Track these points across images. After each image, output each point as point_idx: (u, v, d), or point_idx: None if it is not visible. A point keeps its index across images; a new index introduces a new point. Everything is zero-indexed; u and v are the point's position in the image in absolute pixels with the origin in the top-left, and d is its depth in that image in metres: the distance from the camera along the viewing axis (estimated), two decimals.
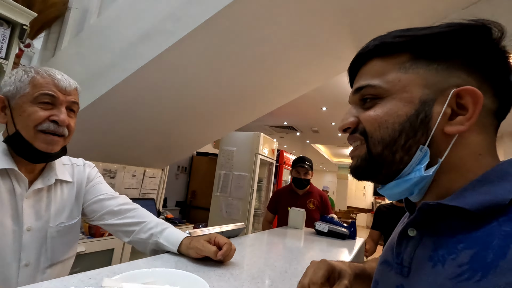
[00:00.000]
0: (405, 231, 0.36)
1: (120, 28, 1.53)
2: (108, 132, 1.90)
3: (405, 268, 0.35)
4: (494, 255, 0.27)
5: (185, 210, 4.92)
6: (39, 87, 0.68)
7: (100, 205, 0.81)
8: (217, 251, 0.64)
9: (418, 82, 0.35)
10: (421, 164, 0.34)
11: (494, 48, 0.34)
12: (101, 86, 1.56)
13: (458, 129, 0.33)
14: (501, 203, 0.29)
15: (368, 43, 0.39)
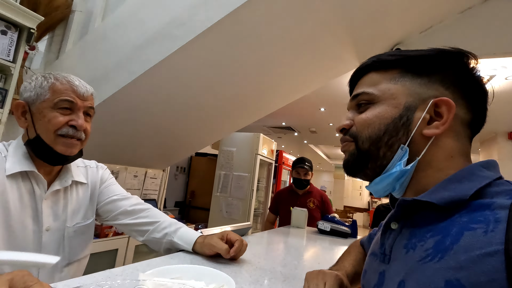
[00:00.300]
0: (388, 224, 0.43)
1: (125, 32, 1.56)
2: (111, 134, 1.93)
3: (386, 256, 0.41)
4: (451, 240, 0.32)
5: (184, 210, 4.94)
6: (59, 93, 0.71)
7: (114, 206, 0.83)
8: (228, 250, 0.67)
9: (404, 91, 0.42)
10: (401, 161, 0.40)
11: (465, 70, 0.41)
12: (106, 89, 1.58)
13: (434, 132, 0.39)
14: (463, 198, 0.35)
15: (366, 60, 0.47)
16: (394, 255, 0.40)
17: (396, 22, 1.95)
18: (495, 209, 0.32)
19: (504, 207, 0.31)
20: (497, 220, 0.30)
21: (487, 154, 4.75)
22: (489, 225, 0.31)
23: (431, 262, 0.33)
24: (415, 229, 0.38)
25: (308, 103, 3.90)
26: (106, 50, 1.61)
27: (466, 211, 0.34)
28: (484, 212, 0.32)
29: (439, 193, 0.37)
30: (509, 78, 2.58)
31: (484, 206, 0.33)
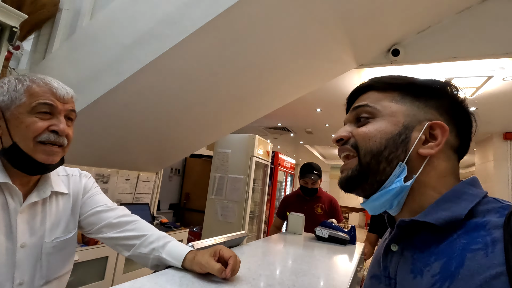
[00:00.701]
0: (389, 246, 0.44)
1: (114, 31, 1.49)
2: (101, 137, 1.86)
3: (392, 280, 0.41)
4: (456, 265, 0.33)
5: (179, 213, 4.86)
6: (36, 97, 0.65)
7: (97, 218, 0.77)
8: (221, 269, 0.61)
9: (404, 111, 0.44)
10: (400, 177, 0.42)
11: (457, 101, 0.45)
12: (94, 91, 1.51)
13: (429, 152, 0.42)
14: (459, 218, 0.37)
15: (367, 81, 0.49)
16: (400, 280, 0.40)
17: (394, 22, 1.91)
18: (490, 229, 0.33)
19: (498, 226, 0.33)
20: (494, 240, 0.32)
21: (483, 154, 4.76)
22: (488, 246, 0.32)
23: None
24: (417, 251, 0.39)
25: (304, 104, 3.86)
26: (95, 50, 1.54)
27: (462, 231, 0.36)
28: (480, 232, 0.34)
29: (436, 214, 0.38)
30: (507, 79, 2.56)
31: (479, 226, 0.35)
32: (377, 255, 0.49)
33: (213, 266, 0.61)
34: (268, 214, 4.27)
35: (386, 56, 2.11)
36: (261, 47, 1.58)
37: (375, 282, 0.46)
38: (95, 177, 2.18)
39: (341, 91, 3.10)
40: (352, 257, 1.13)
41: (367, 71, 2.69)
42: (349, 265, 0.99)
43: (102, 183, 2.24)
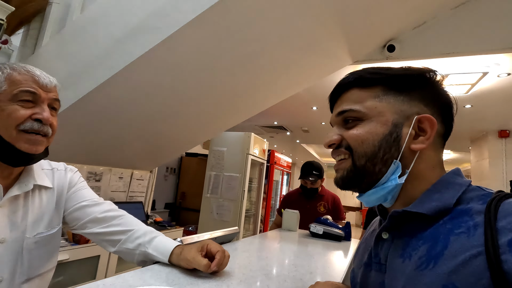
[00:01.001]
0: (380, 235, 0.46)
1: (105, 25, 1.46)
2: (93, 133, 1.82)
3: (383, 266, 0.44)
4: (441, 247, 0.36)
5: (175, 212, 4.82)
6: (18, 84, 0.62)
7: (82, 212, 0.75)
8: (208, 264, 0.59)
9: (390, 109, 0.44)
10: (395, 175, 0.43)
11: (437, 86, 0.46)
12: (85, 85, 1.48)
13: (421, 146, 0.43)
14: (448, 207, 0.39)
15: (347, 76, 0.48)
16: (390, 265, 0.42)
17: (389, 18, 1.90)
18: (473, 214, 0.36)
19: (480, 212, 0.36)
20: (475, 224, 0.35)
21: (478, 152, 4.78)
22: (470, 230, 0.35)
23: (426, 269, 0.36)
24: (407, 238, 0.41)
25: (300, 102, 3.84)
26: (85, 44, 1.51)
27: (448, 217, 0.38)
28: (464, 218, 0.37)
29: (427, 204, 0.40)
30: (502, 75, 2.56)
31: (463, 212, 0.37)
32: (366, 245, 0.51)
33: (199, 262, 0.59)
34: (264, 213, 4.25)
35: (382, 52, 2.09)
36: (255, 42, 1.55)
37: (367, 270, 0.47)
38: (87, 175, 2.16)
39: None
40: (347, 253, 1.12)
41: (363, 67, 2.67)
42: (343, 261, 0.98)
43: (94, 181, 2.20)
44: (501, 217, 0.33)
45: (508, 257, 0.30)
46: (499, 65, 2.39)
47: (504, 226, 0.32)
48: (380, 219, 0.50)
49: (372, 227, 0.55)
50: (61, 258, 1.54)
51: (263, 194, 3.93)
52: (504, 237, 0.32)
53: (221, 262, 0.61)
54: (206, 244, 0.64)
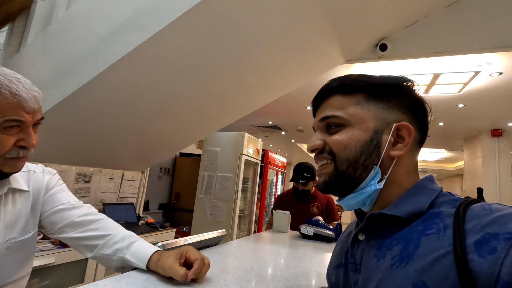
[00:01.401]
0: (356, 236, 0.47)
1: (90, 22, 1.42)
2: (80, 133, 1.78)
3: (358, 266, 0.45)
4: (413, 247, 0.38)
5: (169, 212, 4.78)
6: (3, 112, 0.57)
7: (59, 216, 0.71)
8: (185, 275, 0.56)
9: (371, 116, 0.46)
10: (374, 180, 0.45)
11: (413, 94, 0.48)
12: (71, 84, 1.44)
13: (399, 153, 0.45)
14: (421, 210, 0.41)
15: (330, 82, 0.50)
16: (365, 265, 0.44)
17: (381, 16, 1.88)
18: (443, 217, 0.39)
19: (450, 215, 0.38)
20: (445, 226, 0.37)
21: (471, 151, 4.81)
22: (440, 231, 0.37)
23: (398, 268, 0.38)
24: (382, 239, 0.43)
25: (294, 102, 3.83)
26: (70, 42, 1.47)
27: (421, 220, 0.41)
28: (435, 220, 0.39)
29: (402, 207, 0.42)
30: (493, 75, 2.57)
31: (434, 215, 0.40)
32: (341, 247, 0.54)
33: (175, 272, 0.56)
34: (258, 213, 4.23)
35: (374, 51, 2.08)
36: (245, 41, 1.53)
37: (341, 270, 0.50)
38: (76, 176, 2.11)
39: None
40: None
41: (356, 67, 2.67)
42: None
43: (83, 182, 2.16)
44: (469, 220, 0.36)
45: (474, 256, 0.33)
46: (491, 64, 2.39)
47: (471, 228, 0.35)
48: (357, 221, 0.52)
49: (349, 229, 0.57)
50: (47, 261, 1.50)
51: (257, 194, 3.91)
52: (471, 238, 0.34)
53: (199, 270, 0.58)
54: (185, 251, 0.61)
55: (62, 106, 1.49)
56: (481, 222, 0.35)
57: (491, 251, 0.32)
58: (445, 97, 3.16)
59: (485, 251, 0.32)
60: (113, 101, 1.62)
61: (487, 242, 0.33)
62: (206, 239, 0.87)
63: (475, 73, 2.53)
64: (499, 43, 1.78)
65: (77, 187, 2.10)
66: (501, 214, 0.35)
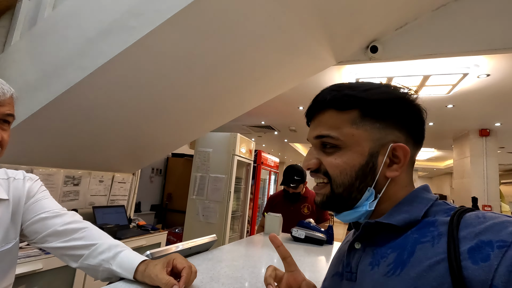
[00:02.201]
0: (352, 245, 0.48)
1: (77, 23, 1.39)
2: (69, 135, 1.74)
3: (353, 274, 0.45)
4: (408, 254, 0.39)
5: (161, 214, 4.74)
6: None
7: (42, 225, 0.69)
8: (170, 284, 0.55)
9: (367, 137, 0.45)
10: (368, 201, 0.46)
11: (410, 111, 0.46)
12: (58, 86, 1.41)
13: (395, 174, 0.45)
14: (416, 219, 0.42)
15: (324, 95, 0.48)
16: (360, 273, 0.44)
17: (372, 18, 1.89)
18: (438, 225, 0.39)
19: (444, 224, 0.38)
20: (440, 234, 0.38)
21: (460, 150, 4.90)
22: (434, 239, 0.38)
23: (393, 275, 0.38)
24: (377, 247, 0.44)
25: (286, 102, 3.83)
26: (57, 43, 1.43)
27: (416, 228, 0.41)
28: (430, 228, 0.39)
29: (397, 216, 0.43)
30: (481, 76, 2.62)
31: (429, 224, 0.40)
32: (338, 256, 0.54)
33: (161, 280, 0.55)
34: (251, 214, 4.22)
35: (365, 53, 2.09)
36: (236, 42, 1.52)
37: (337, 279, 0.50)
38: (64, 179, 2.07)
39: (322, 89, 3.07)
40: (328, 258, 1.10)
41: (347, 68, 2.68)
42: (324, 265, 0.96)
43: (72, 185, 2.12)
44: (463, 228, 0.36)
45: (467, 263, 0.33)
46: (479, 66, 2.44)
47: (465, 236, 0.35)
48: (354, 231, 0.52)
49: (347, 238, 0.57)
50: (34, 268, 1.46)
51: (250, 194, 3.90)
52: (465, 245, 0.34)
53: (188, 279, 0.57)
54: (172, 259, 0.60)
55: (49, 108, 1.46)
56: (475, 230, 0.35)
57: (485, 259, 0.32)
58: (434, 98, 3.21)
59: (478, 259, 0.33)
60: (102, 103, 1.59)
61: (480, 250, 0.33)
62: (197, 245, 0.86)
63: (464, 74, 2.57)
64: (486, 46, 1.82)
65: (65, 190, 2.05)
66: (494, 222, 0.35)
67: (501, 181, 8.06)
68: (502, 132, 4.46)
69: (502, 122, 4.04)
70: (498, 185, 4.35)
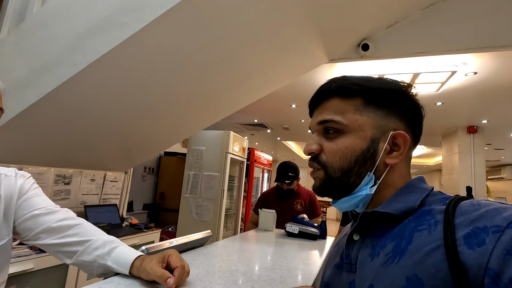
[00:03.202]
0: (351, 237, 0.49)
1: (67, 19, 1.37)
2: (60, 134, 1.72)
3: (353, 266, 0.46)
4: (406, 243, 0.40)
5: (154, 213, 4.70)
6: None
7: (35, 222, 0.69)
8: (164, 276, 0.55)
9: (370, 123, 0.47)
10: (367, 186, 0.47)
11: (411, 101, 0.49)
12: (47, 83, 1.38)
13: (394, 161, 0.47)
14: (413, 207, 0.43)
15: (329, 84, 0.50)
16: (360, 264, 0.45)
17: (363, 17, 1.92)
18: (434, 213, 0.40)
19: (440, 212, 0.40)
20: (436, 221, 0.39)
21: (449, 147, 5.01)
22: (431, 226, 0.39)
23: (392, 264, 0.39)
24: (376, 238, 0.45)
25: (279, 100, 3.84)
26: (46, 39, 1.41)
27: (413, 217, 0.42)
28: (426, 217, 0.41)
29: (394, 205, 0.44)
30: (469, 74, 2.68)
31: (426, 213, 0.41)
32: (339, 248, 0.54)
33: (156, 273, 0.56)
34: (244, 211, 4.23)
35: (357, 51, 2.12)
36: (228, 40, 1.52)
37: (337, 271, 0.50)
38: (55, 178, 2.04)
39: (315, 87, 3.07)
40: (322, 252, 1.12)
41: (339, 66, 2.71)
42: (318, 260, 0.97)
43: (63, 184, 2.09)
44: (458, 215, 0.38)
45: (463, 248, 0.34)
46: (466, 64, 2.50)
47: (460, 223, 0.37)
48: (352, 223, 0.53)
49: (345, 231, 0.58)
50: (25, 267, 1.44)
51: (244, 192, 3.91)
52: (461, 231, 0.36)
53: (179, 279, 0.58)
54: (168, 255, 0.60)
55: (38, 106, 1.43)
56: (470, 217, 0.36)
57: (480, 244, 0.33)
58: (424, 96, 3.27)
59: (474, 244, 0.34)
60: (94, 101, 1.57)
61: (476, 235, 0.34)
62: (192, 240, 0.87)
63: (452, 72, 2.63)
64: (474, 44, 1.86)
65: (56, 189, 2.02)
66: (489, 208, 0.36)
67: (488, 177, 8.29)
68: (489, 129, 4.57)
69: (489, 119, 4.15)
70: (485, 181, 4.47)
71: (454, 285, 0.33)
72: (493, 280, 0.31)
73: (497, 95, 3.17)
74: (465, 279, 0.33)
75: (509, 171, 8.36)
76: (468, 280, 0.33)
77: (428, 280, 0.35)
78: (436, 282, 0.34)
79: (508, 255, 0.31)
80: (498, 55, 2.31)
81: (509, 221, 0.33)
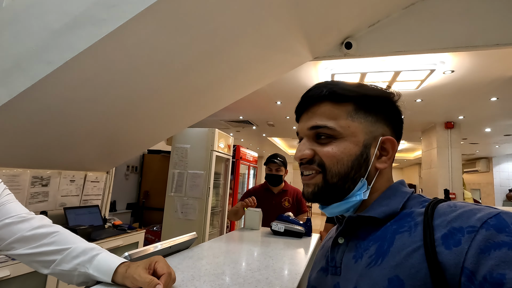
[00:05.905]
0: (336, 240, 0.50)
1: (40, 13, 1.30)
2: (35, 134, 1.64)
3: (338, 269, 0.47)
4: (388, 245, 0.41)
5: (138, 212, 4.62)
6: None
7: (7, 231, 0.65)
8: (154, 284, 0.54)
9: (362, 129, 0.48)
10: (360, 191, 0.48)
11: (397, 110, 0.51)
12: (19, 82, 1.31)
13: (384, 166, 0.49)
14: (395, 211, 0.45)
15: (319, 89, 0.49)
16: (344, 267, 0.46)
17: (346, 15, 1.94)
18: (414, 216, 0.42)
19: (420, 214, 0.41)
20: (416, 223, 0.40)
21: (428, 142, 5.19)
22: (411, 228, 0.40)
23: (375, 265, 0.40)
24: (360, 241, 0.46)
25: (264, 97, 3.84)
26: (17, 35, 1.33)
27: (394, 220, 0.44)
28: (407, 219, 0.42)
29: (378, 209, 0.46)
30: (446, 72, 2.77)
31: (407, 215, 0.43)
32: (323, 251, 0.55)
33: (144, 279, 0.55)
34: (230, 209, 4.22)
35: (340, 49, 2.14)
36: (212, 37, 1.49)
37: (323, 275, 0.51)
38: (31, 180, 1.95)
39: (299, 84, 3.13)
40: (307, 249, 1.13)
41: (323, 64, 2.73)
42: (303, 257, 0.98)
43: (41, 186, 2.00)
44: (436, 217, 0.39)
45: (441, 249, 0.36)
46: (444, 63, 2.58)
47: (438, 224, 0.38)
48: (337, 226, 0.53)
49: (330, 234, 0.58)
50: (1, 275, 1.38)
51: (230, 190, 3.90)
52: (439, 232, 0.37)
53: (166, 286, 0.56)
54: (155, 261, 0.59)
55: (11, 105, 1.36)
56: (447, 218, 0.38)
57: (456, 244, 0.35)
58: (404, 93, 3.36)
59: (451, 244, 0.35)
60: (71, 99, 1.51)
61: (452, 236, 0.36)
62: (176, 244, 0.86)
63: (431, 71, 2.71)
64: (451, 44, 1.93)
65: (33, 191, 1.94)
66: (464, 210, 0.38)
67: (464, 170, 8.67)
68: (465, 124, 4.78)
69: (465, 115, 4.33)
70: (461, 174, 4.68)
71: (433, 285, 0.34)
72: (468, 278, 0.32)
73: (473, 92, 3.31)
74: (443, 279, 0.34)
75: (483, 164, 8.79)
76: (446, 279, 0.34)
77: (409, 280, 0.36)
78: (416, 282, 0.35)
79: (481, 253, 0.32)
80: (474, 54, 2.40)
81: (482, 221, 0.35)
